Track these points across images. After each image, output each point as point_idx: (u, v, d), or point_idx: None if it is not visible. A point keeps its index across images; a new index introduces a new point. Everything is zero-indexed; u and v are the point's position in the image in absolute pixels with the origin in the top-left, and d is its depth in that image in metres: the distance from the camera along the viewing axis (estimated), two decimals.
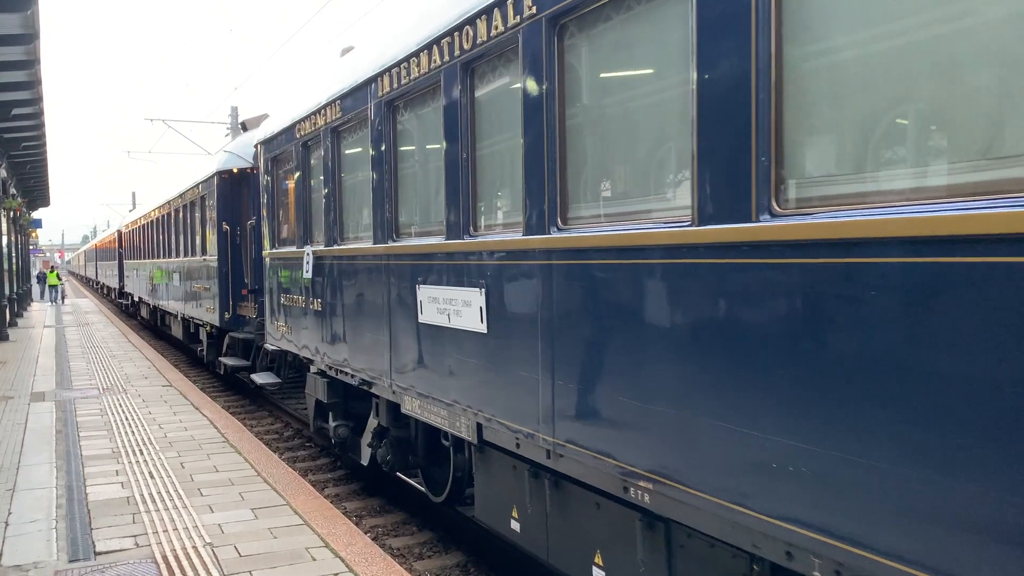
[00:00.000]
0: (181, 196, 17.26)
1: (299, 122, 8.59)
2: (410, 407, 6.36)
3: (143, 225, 25.00)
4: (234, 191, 13.55)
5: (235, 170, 13.12)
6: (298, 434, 11.85)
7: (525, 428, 4.62)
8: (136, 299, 28.76)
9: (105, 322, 28.62)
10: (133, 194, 77.16)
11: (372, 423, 8.00)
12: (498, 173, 5.17)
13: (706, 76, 3.23)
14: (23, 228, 34.92)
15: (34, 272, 53.62)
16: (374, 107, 6.64)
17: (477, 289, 5.03)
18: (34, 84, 16.97)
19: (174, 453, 8.68)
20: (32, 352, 19.02)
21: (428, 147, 6.05)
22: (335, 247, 7.70)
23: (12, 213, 28.48)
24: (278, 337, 9.80)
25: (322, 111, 7.87)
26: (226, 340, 14.38)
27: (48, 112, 20.73)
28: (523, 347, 4.61)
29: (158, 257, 21.55)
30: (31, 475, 7.88)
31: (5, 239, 27.21)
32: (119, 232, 35.25)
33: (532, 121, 4.42)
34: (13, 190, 27.31)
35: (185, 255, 17.05)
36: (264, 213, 10.36)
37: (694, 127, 3.29)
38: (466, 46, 5.10)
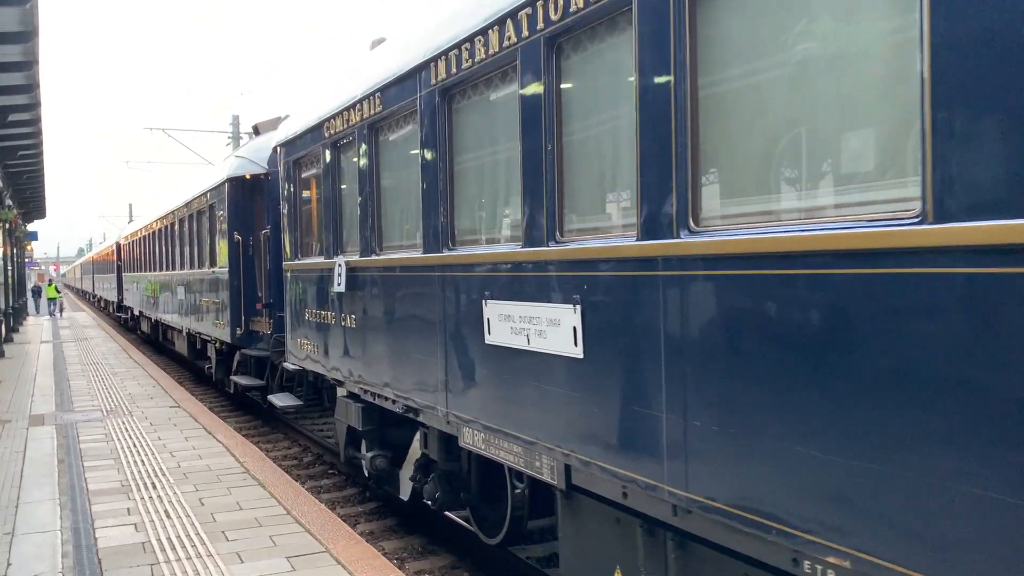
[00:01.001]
0: (187, 205, 16.43)
1: (328, 119, 7.78)
2: (470, 441, 5.54)
3: (144, 236, 24.15)
4: (246, 199, 12.73)
5: (248, 176, 12.30)
6: (319, 459, 11.00)
7: (640, 477, 3.79)
8: (136, 313, 27.88)
9: (104, 337, 27.73)
10: (130, 206, 76.29)
11: (415, 453, 7.17)
12: (594, 166, 4.37)
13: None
14: (19, 240, 34.04)
15: (29, 285, 52.70)
16: (425, 97, 5.84)
17: (569, 306, 4.21)
18: (32, 87, 15.81)
19: (191, 487, 7.83)
20: (29, 370, 18.14)
21: (496, 140, 5.24)
22: (373, 257, 6.88)
23: (7, 225, 27.64)
24: (302, 356, 8.96)
25: (357, 106, 7.06)
26: (236, 357, 13.54)
27: (45, 119, 19.87)
28: (636, 376, 3.79)
29: (161, 270, 20.70)
30: (32, 515, 7.02)
31: (0, 252, 26.32)
32: (117, 244, 34.38)
33: (654, 99, 3.62)
34: (9, 201, 26.47)
35: (191, 267, 16.21)
36: (284, 221, 9.54)
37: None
38: (553, 16, 4.30)
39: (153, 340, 26.43)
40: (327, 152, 7.89)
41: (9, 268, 30.98)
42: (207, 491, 7.68)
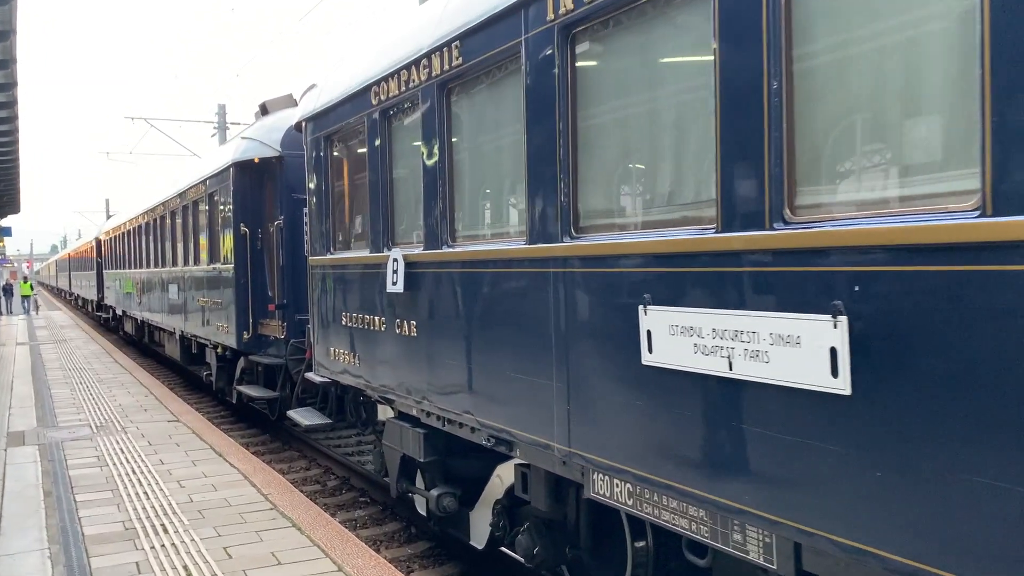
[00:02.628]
0: (181, 195, 14.93)
1: (378, 83, 6.39)
2: (606, 492, 4.19)
3: (128, 231, 22.54)
4: (255, 186, 11.28)
5: (256, 160, 10.86)
6: (344, 483, 9.60)
7: None
8: (119, 313, 26.24)
9: (85, 338, 26.08)
10: (107, 201, 74.05)
11: (494, 493, 5.82)
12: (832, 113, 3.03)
13: None
14: None
15: (0, 283, 50.66)
16: (534, 40, 4.47)
17: (825, 317, 2.87)
18: (9, 86, 14.86)
19: (210, 530, 6.42)
20: (4, 376, 16.56)
21: (663, 82, 3.89)
22: (445, 250, 5.51)
23: None
24: (336, 369, 7.56)
25: (423, 62, 5.68)
26: (240, 364, 12.09)
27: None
28: (966, 429, 2.47)
29: (148, 267, 19.13)
30: (15, 571, 5.60)
31: None
32: (97, 240, 32.62)
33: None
34: None
35: (186, 264, 14.72)
36: (310, 209, 8.13)
37: None
38: None
39: (137, 341, 24.84)
40: (375, 122, 6.49)
41: None
42: (232, 536, 6.28)
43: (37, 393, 14.04)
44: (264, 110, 11.54)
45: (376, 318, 6.65)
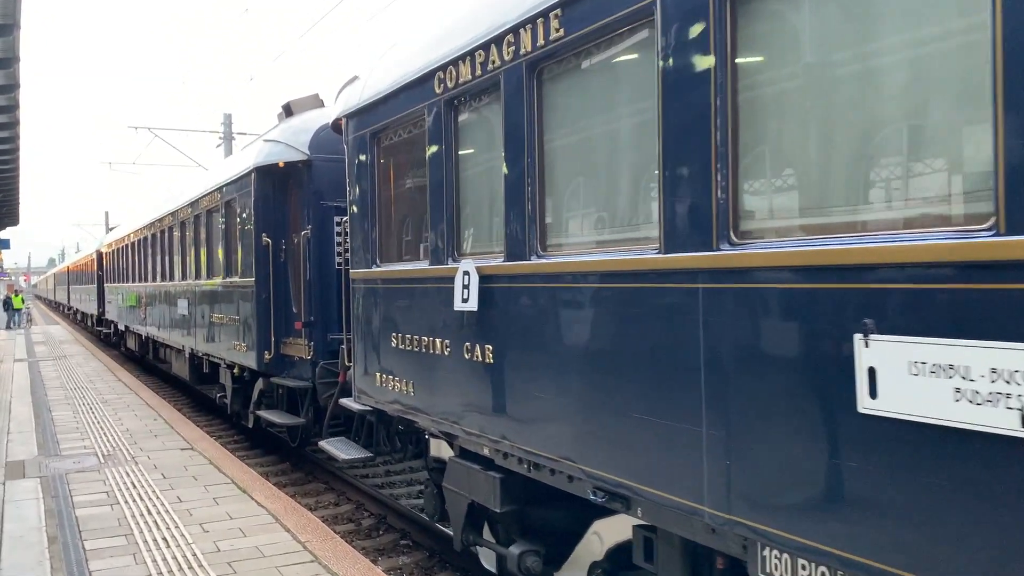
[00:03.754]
0: (192, 205, 14.00)
1: (444, 67, 5.49)
2: None
3: (133, 243, 21.60)
4: (279, 193, 10.36)
5: (281, 164, 9.94)
6: (381, 522, 8.64)
7: None
8: (120, 328, 25.25)
9: (85, 354, 25.08)
10: (106, 213, 73.11)
11: (590, 553, 4.88)
12: None
13: None
14: None
15: None
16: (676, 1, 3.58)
17: None
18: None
19: None
20: (2, 396, 15.58)
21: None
22: (536, 261, 4.59)
23: None
24: (384, 397, 6.62)
25: (506, 39, 4.78)
26: (258, 386, 11.13)
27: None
28: None
29: (154, 280, 18.19)
30: None
31: None
32: (99, 252, 31.67)
33: None
34: None
35: (198, 277, 13.78)
36: (353, 216, 7.21)
37: None
38: None
39: (140, 358, 23.86)
40: (439, 114, 5.59)
41: None
42: None
43: (37, 415, 13.06)
44: (288, 111, 10.65)
45: (437, 340, 5.72)
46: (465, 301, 5.19)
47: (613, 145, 4.38)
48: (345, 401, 7.83)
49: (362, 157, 6.92)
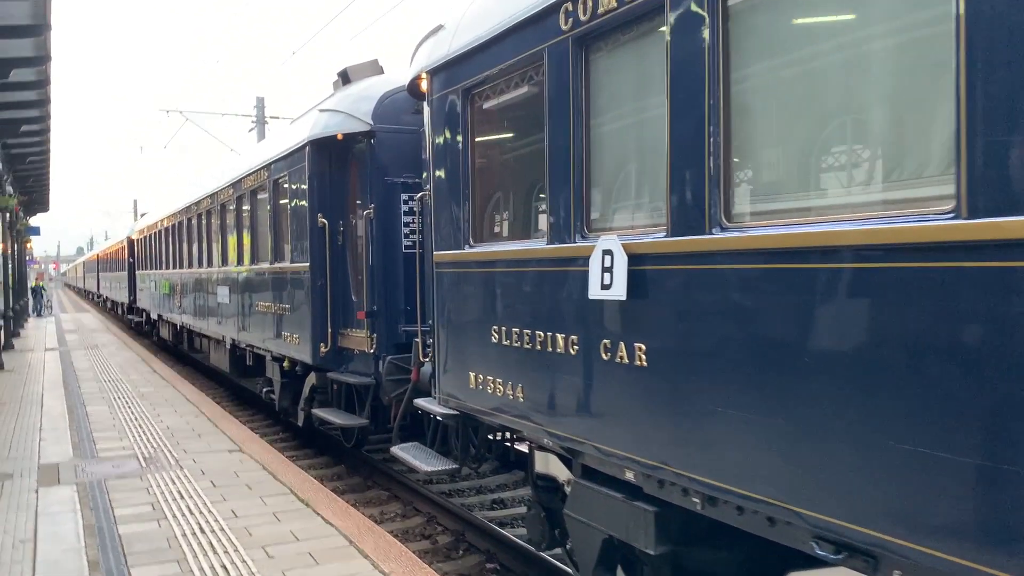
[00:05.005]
0: (234, 185, 13.05)
1: None
2: None
3: (167, 228, 20.77)
4: (336, 169, 9.36)
5: (340, 136, 8.93)
6: (459, 539, 7.64)
7: None
8: (153, 317, 24.49)
9: (117, 344, 24.36)
10: (135, 201, 72.94)
11: None
12: None
13: None
14: (20, 235, 30.67)
15: (29, 284, 49.45)
16: None
17: None
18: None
19: None
20: (34, 388, 14.78)
21: None
22: (720, 235, 3.53)
23: (8, 215, 24.29)
24: (482, 403, 5.59)
25: None
26: (310, 381, 10.15)
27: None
28: None
29: (191, 267, 17.33)
30: None
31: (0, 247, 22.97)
32: (129, 239, 30.99)
33: None
34: (9, 188, 23.12)
35: (240, 263, 12.84)
36: (435, 188, 6.19)
37: None
38: None
39: (173, 347, 23.09)
40: (564, 56, 4.52)
41: (10, 265, 27.61)
42: None
43: (71, 411, 12.21)
44: (345, 78, 9.63)
45: (559, 336, 4.68)
46: (606, 288, 4.14)
47: (866, 67, 3.28)
48: (423, 403, 6.83)
49: (451, 119, 5.88)
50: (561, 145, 4.61)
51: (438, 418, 6.70)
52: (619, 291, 4.04)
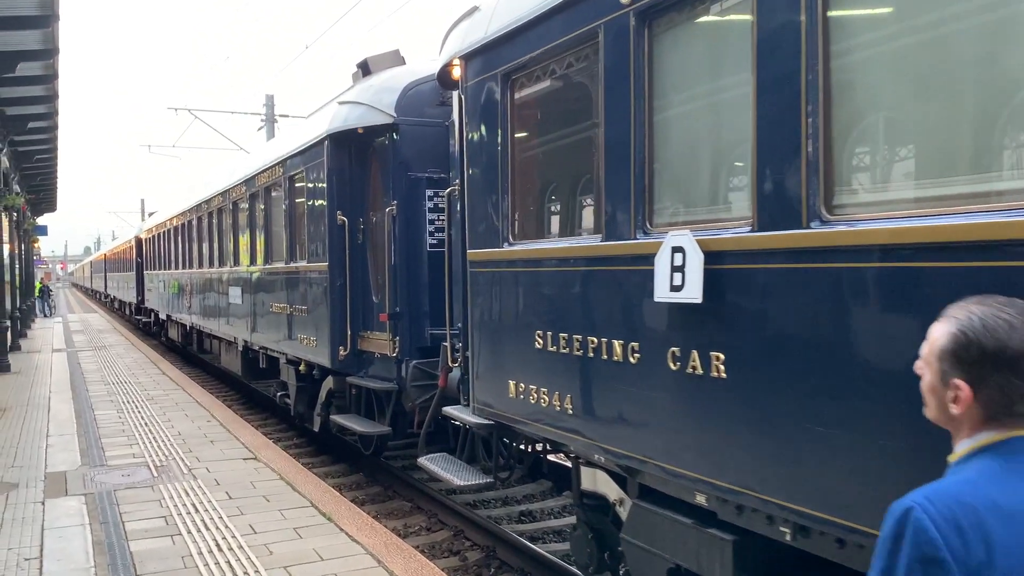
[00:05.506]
0: (247, 182, 12.65)
1: None
2: None
3: (176, 227, 20.40)
4: (356, 164, 8.95)
5: (361, 130, 8.50)
6: (490, 555, 7.20)
7: None
8: (162, 317, 24.14)
9: (125, 345, 24.00)
10: (142, 201, 72.70)
11: None
12: None
13: None
14: (27, 234, 30.36)
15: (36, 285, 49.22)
16: None
17: None
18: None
19: None
20: (41, 391, 14.40)
21: None
22: (823, 230, 3.09)
23: (15, 214, 23.95)
24: (524, 412, 5.16)
25: None
26: (327, 385, 9.74)
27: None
28: None
29: (201, 267, 16.95)
30: None
31: (6, 248, 22.61)
32: (137, 239, 30.66)
33: None
34: (16, 187, 22.78)
35: (253, 263, 12.44)
36: (470, 181, 5.76)
37: None
38: None
39: (181, 348, 22.73)
40: (622, 34, 4.09)
41: (17, 265, 27.29)
42: None
43: (79, 415, 11.82)
44: (365, 69, 9.22)
45: (615, 343, 4.24)
46: (676, 289, 3.70)
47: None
48: (453, 411, 6.41)
49: (488, 107, 5.45)
50: (619, 132, 4.17)
51: (469, 428, 6.28)
52: (693, 293, 3.61)
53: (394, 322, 8.23)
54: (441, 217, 8.21)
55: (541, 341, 4.90)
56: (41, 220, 37.76)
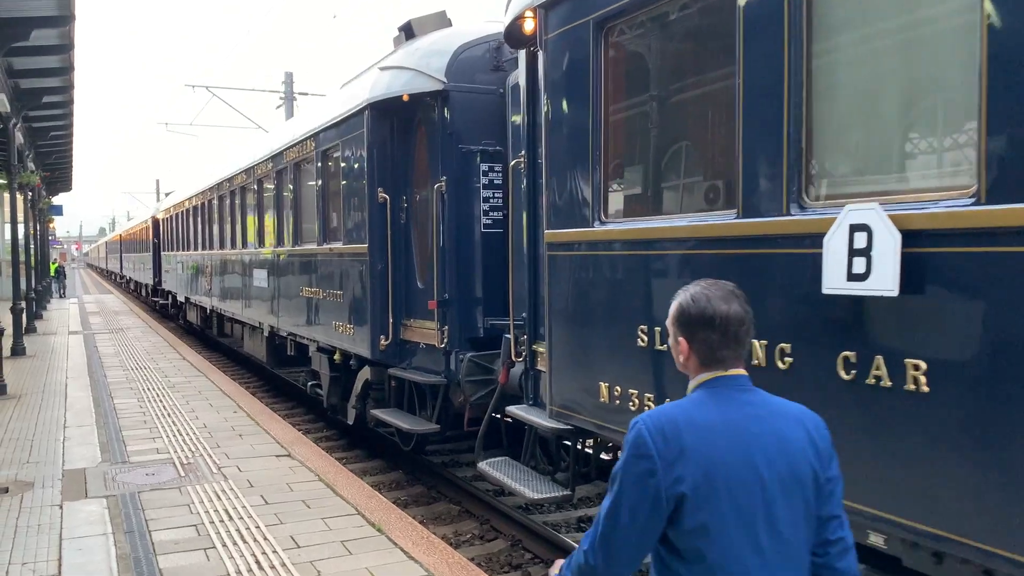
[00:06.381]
0: (274, 159, 11.91)
1: None
2: None
3: (195, 206, 19.71)
4: (399, 135, 8.18)
5: (406, 98, 7.72)
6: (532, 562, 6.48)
7: None
8: (180, 300, 23.52)
9: (142, 327, 23.39)
10: (157, 181, 72.23)
11: None
12: None
13: None
14: (43, 213, 29.78)
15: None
16: None
17: None
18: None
19: None
20: (57, 377, 13.77)
21: None
22: None
23: (31, 193, 23.33)
24: (621, 422, 4.41)
25: None
26: (363, 376, 9.02)
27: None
28: None
29: (222, 248, 16.27)
30: None
31: (22, 227, 21.95)
32: (154, 219, 30.05)
33: None
34: (31, 164, 22.14)
35: (280, 244, 11.73)
36: (550, 150, 4.99)
37: None
38: None
39: (200, 331, 22.12)
40: None
41: (32, 245, 26.72)
42: None
43: (97, 403, 11.17)
44: (409, 32, 8.43)
45: (758, 345, 3.48)
46: (858, 278, 2.93)
47: None
48: (519, 412, 5.67)
49: (576, 63, 4.67)
50: (766, 84, 3.39)
51: (541, 431, 5.54)
52: (885, 283, 2.83)
53: (443, 310, 7.49)
54: (496, 194, 7.45)
55: (646, 338, 4.14)
56: (56, 200, 37.21)
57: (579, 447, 5.42)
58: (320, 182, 9.79)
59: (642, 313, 4.18)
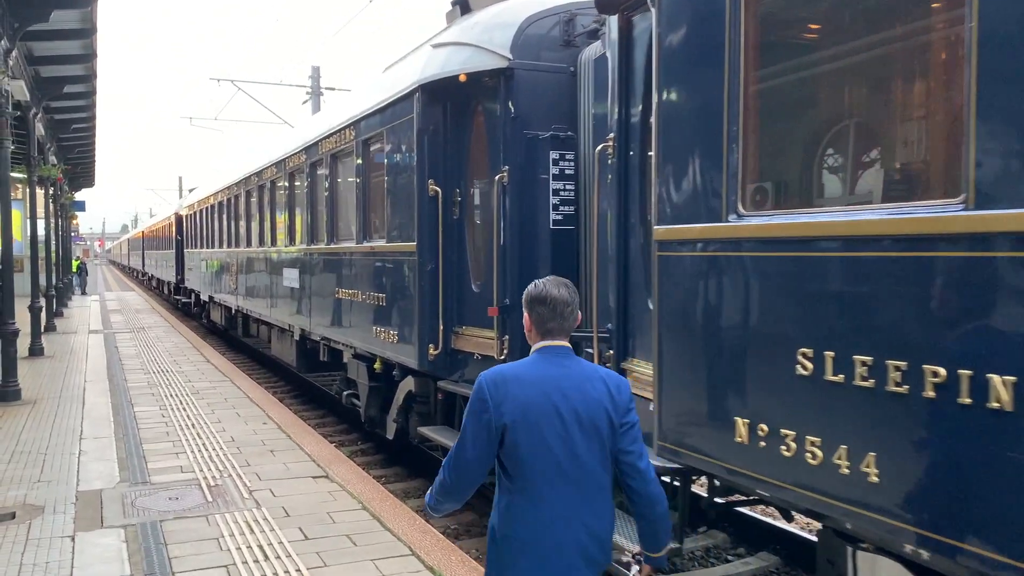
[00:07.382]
0: (307, 150, 11.08)
1: None
2: None
3: (220, 203, 18.96)
4: (453, 122, 7.30)
5: (463, 78, 6.84)
6: None
7: None
8: (203, 299, 22.81)
9: (165, 327, 22.70)
10: (180, 178, 72.07)
11: None
12: None
13: None
14: (65, 209, 29.22)
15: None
16: None
17: None
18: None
19: None
20: (75, 379, 13.03)
21: None
22: None
23: (52, 187, 22.71)
24: (763, 468, 3.50)
25: None
26: (406, 387, 8.15)
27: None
28: None
29: (249, 245, 15.49)
30: None
31: (41, 223, 21.29)
32: (177, 216, 29.42)
33: None
34: (52, 158, 21.50)
35: (313, 241, 10.90)
36: (661, 127, 4.09)
37: None
38: None
39: (223, 331, 21.39)
40: None
41: (54, 241, 26.14)
42: None
43: (116, 411, 10.39)
44: (464, 6, 7.55)
45: (994, 380, 2.57)
46: None
47: None
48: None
49: (705, 21, 3.77)
50: (1013, 31, 2.47)
51: None
52: None
53: (503, 317, 6.61)
54: (568, 186, 6.56)
55: (810, 364, 3.23)
56: (79, 196, 36.71)
57: (689, 487, 4.52)
58: (360, 174, 8.93)
59: (804, 332, 3.28)
